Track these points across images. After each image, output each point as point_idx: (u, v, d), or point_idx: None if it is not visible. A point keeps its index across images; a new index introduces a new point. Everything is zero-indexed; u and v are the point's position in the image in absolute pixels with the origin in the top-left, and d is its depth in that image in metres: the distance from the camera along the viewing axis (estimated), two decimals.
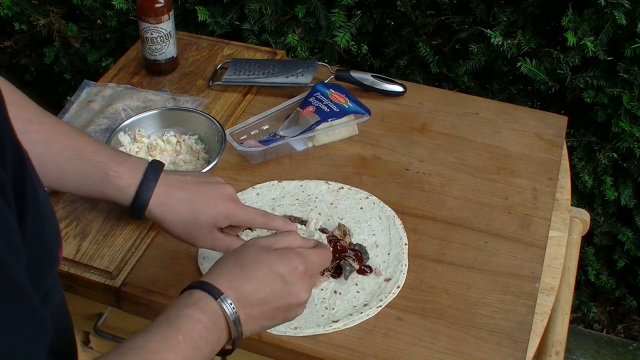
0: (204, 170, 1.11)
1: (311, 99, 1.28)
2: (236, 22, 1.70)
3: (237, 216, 0.95)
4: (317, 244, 0.89)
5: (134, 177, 0.94)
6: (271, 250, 0.83)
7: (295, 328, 0.95)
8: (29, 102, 0.93)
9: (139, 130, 1.20)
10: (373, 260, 1.04)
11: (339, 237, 1.04)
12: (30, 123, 0.91)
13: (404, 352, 0.94)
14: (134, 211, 0.94)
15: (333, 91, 1.29)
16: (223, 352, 0.79)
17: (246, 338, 0.96)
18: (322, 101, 1.27)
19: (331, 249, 0.97)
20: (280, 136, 1.23)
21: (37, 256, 0.58)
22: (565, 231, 1.14)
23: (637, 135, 1.51)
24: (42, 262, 0.60)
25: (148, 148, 1.19)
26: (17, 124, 0.87)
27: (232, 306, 0.76)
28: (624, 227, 1.72)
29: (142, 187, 0.93)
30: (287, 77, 1.34)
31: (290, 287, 0.81)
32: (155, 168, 0.95)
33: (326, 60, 1.62)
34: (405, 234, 1.08)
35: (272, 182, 1.17)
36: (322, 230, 1.06)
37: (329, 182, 1.16)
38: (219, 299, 0.76)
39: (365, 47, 1.72)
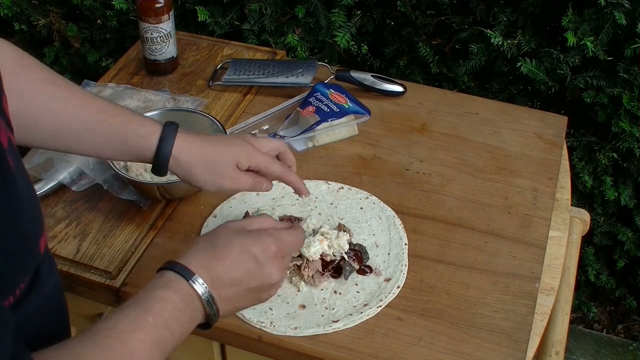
0: None
1: (311, 99, 1.28)
2: (236, 22, 1.70)
3: (256, 159, 0.96)
4: (290, 225, 0.90)
5: (156, 126, 0.93)
6: (244, 231, 0.83)
7: (295, 328, 0.95)
8: (44, 66, 0.93)
9: None
10: (373, 260, 1.04)
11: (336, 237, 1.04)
12: (49, 83, 0.90)
13: (404, 352, 0.94)
14: (158, 160, 0.92)
15: (333, 91, 1.29)
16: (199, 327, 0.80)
17: (245, 338, 0.97)
18: (322, 101, 1.27)
19: (345, 276, 0.99)
20: (280, 136, 1.23)
21: (7, 247, 0.57)
22: (565, 231, 1.14)
23: (637, 135, 1.51)
24: (15, 253, 0.59)
25: None
26: (34, 82, 0.88)
27: (204, 286, 0.77)
28: (624, 227, 1.72)
29: (165, 133, 0.92)
30: (287, 77, 1.34)
31: (263, 267, 0.81)
32: (172, 123, 0.95)
33: (326, 60, 1.62)
34: (405, 234, 1.08)
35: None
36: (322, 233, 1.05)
37: (329, 182, 1.16)
38: (190, 280, 0.76)
39: (365, 47, 1.72)
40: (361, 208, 1.12)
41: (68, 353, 0.67)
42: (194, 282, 0.76)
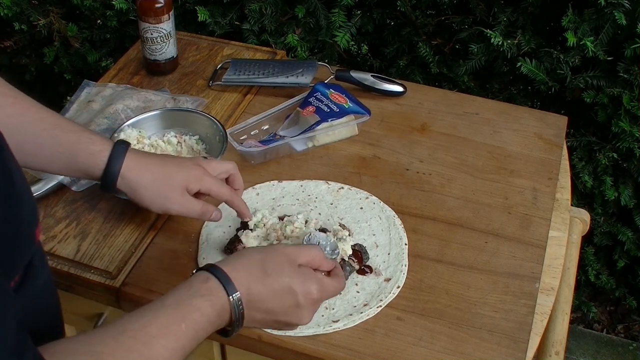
0: None
1: (311, 99, 1.28)
2: (236, 22, 1.70)
3: (206, 182, 0.97)
4: (334, 270, 0.89)
5: (106, 144, 0.95)
6: (295, 264, 0.83)
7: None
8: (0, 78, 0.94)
9: (139, 132, 1.19)
10: (373, 260, 1.04)
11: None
12: (4, 96, 0.92)
13: (404, 352, 0.94)
14: (106, 177, 0.94)
15: (333, 91, 1.29)
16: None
17: (245, 338, 0.97)
18: (322, 101, 1.27)
19: (345, 277, 0.97)
20: (280, 136, 1.23)
21: (5, 234, 0.58)
22: (565, 231, 1.14)
23: (637, 135, 1.51)
24: (13, 241, 0.60)
25: (150, 149, 1.19)
26: None
27: (239, 304, 0.77)
28: (624, 227, 1.72)
29: (115, 152, 0.94)
30: (287, 77, 1.34)
31: (300, 309, 0.82)
32: (123, 142, 0.97)
33: (326, 60, 1.62)
34: (405, 234, 1.08)
35: (272, 182, 1.17)
36: (322, 230, 1.05)
37: (329, 182, 1.16)
38: (231, 296, 0.77)
39: (365, 47, 1.72)
40: (361, 208, 1.12)
41: (89, 350, 0.66)
42: (234, 299, 0.77)
